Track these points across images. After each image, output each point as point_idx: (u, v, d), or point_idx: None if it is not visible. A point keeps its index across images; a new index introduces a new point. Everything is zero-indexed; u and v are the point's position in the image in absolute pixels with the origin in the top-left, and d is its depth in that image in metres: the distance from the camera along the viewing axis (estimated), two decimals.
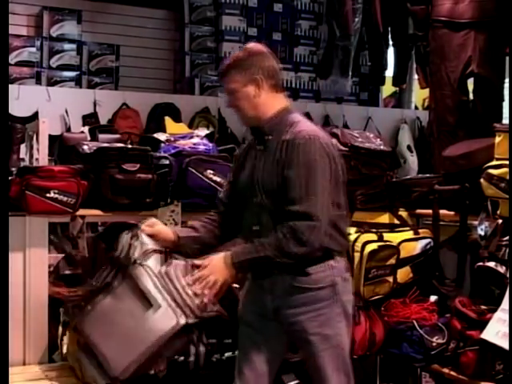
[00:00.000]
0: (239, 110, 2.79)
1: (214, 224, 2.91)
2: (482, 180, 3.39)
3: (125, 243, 2.76)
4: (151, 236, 2.79)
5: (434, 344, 3.48)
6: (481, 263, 3.42)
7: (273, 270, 2.72)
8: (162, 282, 2.66)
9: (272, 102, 2.76)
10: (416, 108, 7.26)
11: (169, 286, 2.66)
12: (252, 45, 2.85)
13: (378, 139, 4.15)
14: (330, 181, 2.64)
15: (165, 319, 2.62)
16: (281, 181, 2.64)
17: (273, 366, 2.86)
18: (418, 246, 3.76)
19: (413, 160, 6.26)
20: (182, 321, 2.62)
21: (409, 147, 6.36)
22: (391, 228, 3.86)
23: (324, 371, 2.75)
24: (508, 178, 3.28)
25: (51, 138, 3.96)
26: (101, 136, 4.21)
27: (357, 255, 3.54)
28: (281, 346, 2.86)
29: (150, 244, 2.74)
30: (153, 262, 2.71)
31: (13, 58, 5.93)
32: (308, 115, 6.20)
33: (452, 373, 3.38)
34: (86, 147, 3.63)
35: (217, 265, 2.69)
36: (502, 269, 3.34)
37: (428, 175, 4.20)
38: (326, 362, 2.74)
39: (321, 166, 2.61)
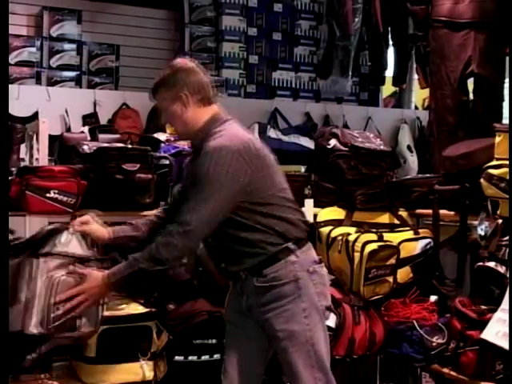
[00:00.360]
0: (172, 125, 2.90)
1: (157, 222, 2.97)
2: (481, 180, 3.40)
3: (43, 233, 2.82)
4: (84, 233, 2.86)
5: (434, 344, 3.48)
6: (481, 263, 3.43)
7: (240, 274, 2.80)
8: (37, 286, 2.73)
9: (200, 117, 2.80)
10: (416, 108, 7.26)
11: (42, 294, 2.73)
12: (177, 61, 2.89)
13: (378, 139, 4.15)
14: (230, 188, 2.64)
15: (16, 317, 2.70)
16: None
17: (256, 363, 2.90)
18: (418, 246, 3.76)
19: (413, 160, 6.26)
20: (27, 328, 2.70)
21: (409, 147, 6.36)
22: (391, 228, 3.86)
23: (295, 368, 2.76)
24: (508, 177, 3.28)
25: (51, 137, 3.96)
26: (101, 136, 4.20)
27: (357, 255, 3.54)
28: (264, 342, 2.87)
29: (64, 246, 2.80)
30: (49, 264, 2.77)
31: (13, 58, 5.92)
32: (308, 115, 6.24)
33: (452, 373, 3.39)
34: (86, 147, 3.63)
35: (91, 285, 2.75)
36: (501, 269, 3.34)
37: (428, 175, 4.20)
38: (296, 359, 2.75)
39: (214, 176, 2.63)
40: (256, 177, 2.70)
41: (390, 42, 5.95)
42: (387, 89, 7.14)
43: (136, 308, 3.30)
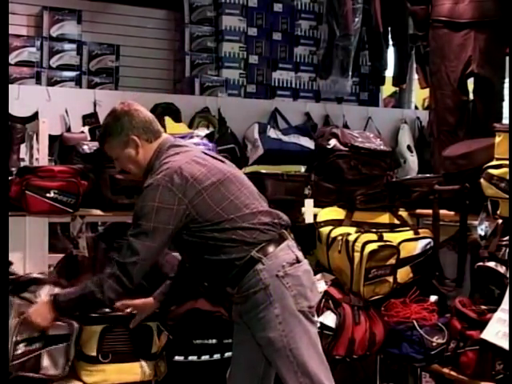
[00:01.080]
0: (127, 170, 2.98)
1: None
2: (482, 180, 3.39)
3: (28, 278, 3.09)
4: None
5: (434, 344, 3.48)
6: (481, 263, 3.42)
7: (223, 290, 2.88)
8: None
9: (149, 154, 2.90)
10: (416, 108, 7.25)
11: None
12: (117, 107, 2.93)
13: (378, 139, 4.15)
14: (161, 221, 2.71)
15: None
16: None
17: (258, 361, 2.91)
18: (418, 246, 3.77)
19: (413, 160, 6.25)
20: None
21: (409, 147, 6.35)
22: (391, 228, 3.86)
23: (280, 374, 2.80)
24: (508, 177, 3.28)
25: (51, 137, 3.96)
26: None
27: (357, 255, 3.54)
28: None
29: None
30: (22, 308, 2.96)
31: (13, 58, 5.92)
32: (308, 115, 6.23)
33: (452, 373, 3.39)
34: (86, 147, 3.63)
35: (36, 308, 2.89)
36: (501, 269, 3.34)
37: (428, 175, 4.20)
38: (278, 365, 2.78)
39: (144, 213, 2.72)
40: (194, 202, 2.75)
41: (390, 42, 5.95)
42: (387, 89, 7.13)
43: None
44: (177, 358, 3.30)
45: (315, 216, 3.81)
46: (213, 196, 2.78)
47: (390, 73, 6.10)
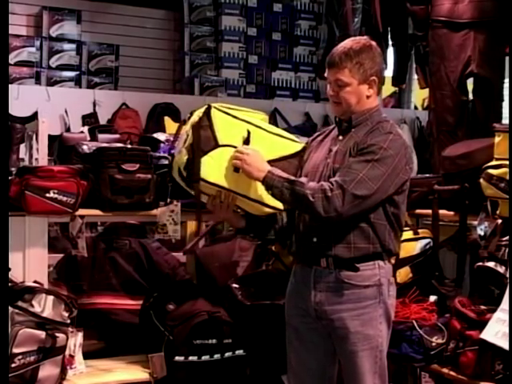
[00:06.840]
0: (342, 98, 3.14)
1: None
2: (481, 180, 3.39)
3: (22, 287, 3.09)
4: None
5: (434, 344, 3.48)
6: (480, 263, 3.42)
7: (319, 261, 2.74)
8: None
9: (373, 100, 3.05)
10: (416, 108, 7.26)
11: None
12: (372, 42, 3.03)
13: None
14: (392, 176, 2.84)
15: None
16: None
17: (326, 366, 2.87)
18: (417, 246, 3.76)
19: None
20: None
21: None
22: None
23: (359, 371, 2.74)
24: (508, 177, 3.28)
25: (51, 138, 3.96)
26: (100, 136, 4.20)
27: None
28: (329, 345, 2.85)
29: (38, 307, 3.01)
30: (17, 318, 2.96)
31: (12, 58, 5.93)
32: (308, 115, 6.24)
33: (452, 373, 3.38)
34: (85, 147, 3.62)
35: (256, 159, 2.79)
36: (501, 269, 3.34)
37: (427, 175, 4.20)
38: (363, 362, 2.74)
39: (386, 156, 2.84)
40: (408, 178, 2.87)
41: (390, 42, 5.95)
42: (387, 89, 7.13)
43: None
44: (177, 358, 3.30)
45: None
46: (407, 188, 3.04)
47: (389, 73, 6.10)
